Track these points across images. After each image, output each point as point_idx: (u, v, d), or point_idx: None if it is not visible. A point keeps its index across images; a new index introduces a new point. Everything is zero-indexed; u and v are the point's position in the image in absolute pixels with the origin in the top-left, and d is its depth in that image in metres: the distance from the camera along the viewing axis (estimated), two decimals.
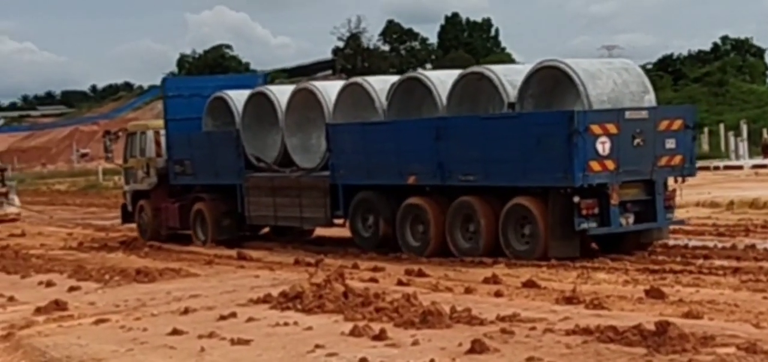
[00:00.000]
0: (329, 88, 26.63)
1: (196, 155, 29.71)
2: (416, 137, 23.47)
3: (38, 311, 17.92)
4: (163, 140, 31.18)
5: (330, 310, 15.90)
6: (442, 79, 23.93)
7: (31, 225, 41.95)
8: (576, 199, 20.56)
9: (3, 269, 25.73)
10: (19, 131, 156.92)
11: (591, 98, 21.02)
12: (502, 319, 14.29)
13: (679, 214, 23.88)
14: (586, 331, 12.97)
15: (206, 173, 29.49)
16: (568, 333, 13.12)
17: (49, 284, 21.99)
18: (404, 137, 23.80)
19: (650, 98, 22.05)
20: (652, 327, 12.36)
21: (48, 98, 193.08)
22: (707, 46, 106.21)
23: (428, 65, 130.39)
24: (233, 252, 25.89)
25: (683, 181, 22.42)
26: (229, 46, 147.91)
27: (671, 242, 23.26)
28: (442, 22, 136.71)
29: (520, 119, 21.66)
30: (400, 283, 18.96)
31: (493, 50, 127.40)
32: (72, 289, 20.88)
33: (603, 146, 20.45)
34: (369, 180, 24.77)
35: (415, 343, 13.16)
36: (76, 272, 23.60)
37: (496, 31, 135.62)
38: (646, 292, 16.35)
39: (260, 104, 27.91)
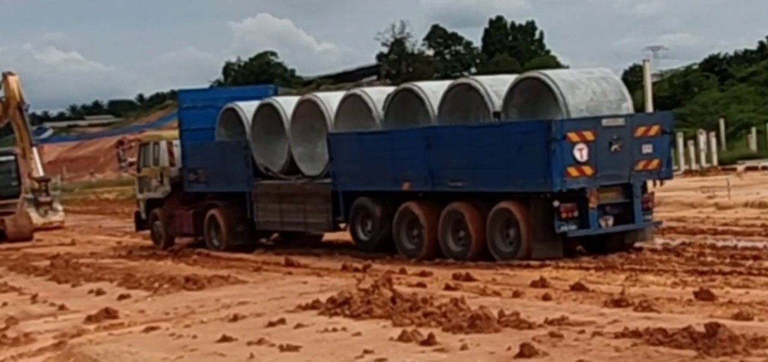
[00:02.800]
0: (332, 99, 27.71)
1: (209, 164, 30.93)
2: (409, 145, 24.60)
3: (89, 319, 18.10)
4: (176, 149, 32.15)
5: (378, 315, 15.94)
6: (433, 90, 25.05)
7: (81, 234, 42.31)
8: (556, 203, 21.56)
9: (54, 278, 25.96)
10: (68, 141, 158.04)
11: (569, 107, 22.06)
12: (550, 323, 14.27)
13: (727, 214, 23.87)
14: (636, 334, 12.93)
15: (218, 180, 30.60)
16: (617, 335, 13.08)
17: (99, 292, 22.19)
18: (398, 145, 24.91)
19: (628, 106, 23.03)
20: (701, 329, 12.31)
21: (95, 108, 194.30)
22: (754, 45, 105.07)
23: (473, 69, 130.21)
24: (281, 259, 26.00)
25: (661, 184, 23.29)
26: (274, 54, 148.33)
27: (720, 243, 23.18)
28: (487, 25, 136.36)
29: (502, 128, 22.76)
30: (447, 288, 18.97)
31: (537, 53, 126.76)
32: (122, 297, 21.06)
33: (580, 152, 21.52)
34: (367, 186, 25.85)
35: (463, 348, 13.17)
36: (126, 280, 23.78)
37: (541, 34, 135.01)
38: (696, 294, 16.26)
39: (268, 114, 29.01)
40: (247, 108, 29.77)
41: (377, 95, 26.43)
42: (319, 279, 22.14)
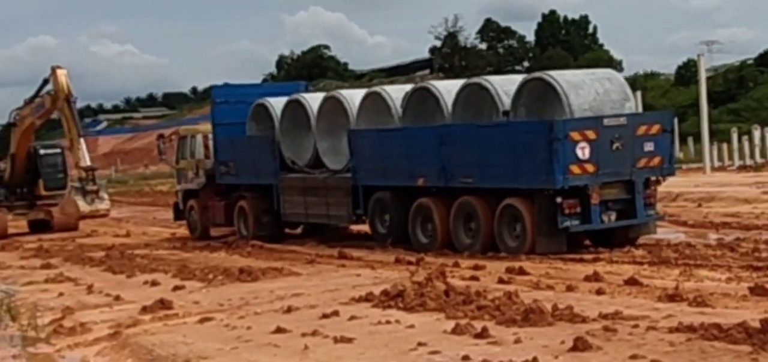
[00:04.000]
0: (355, 96, 28.63)
1: (239, 157, 32.02)
2: (423, 142, 25.60)
3: (144, 310, 18.26)
4: (211, 143, 33.38)
5: (432, 308, 15.98)
6: (448, 89, 25.97)
7: (136, 226, 42.63)
8: (559, 199, 22.43)
9: (109, 269, 26.18)
10: (122, 133, 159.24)
11: (573, 107, 22.88)
12: (604, 317, 14.25)
13: None
14: (690, 329, 12.90)
15: (247, 173, 31.65)
16: (671, 330, 13.05)
17: (154, 283, 22.36)
18: (413, 142, 25.96)
19: (631, 106, 23.93)
20: (757, 325, 12.27)
21: (150, 100, 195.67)
22: None
23: (525, 63, 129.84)
24: (334, 251, 26.07)
25: (663, 180, 24.07)
26: (327, 47, 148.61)
27: None
28: (540, 19, 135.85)
29: (509, 127, 23.70)
30: (501, 281, 18.94)
31: (591, 47, 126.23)
32: (176, 288, 21.23)
33: (582, 150, 22.33)
34: (385, 181, 26.88)
35: (517, 341, 13.19)
36: (180, 271, 23.95)
37: (594, 28, 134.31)
38: (750, 289, 16.13)
39: (296, 110, 30.08)
40: (277, 104, 30.85)
41: (396, 93, 27.34)
42: (372, 271, 22.18)
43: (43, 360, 15.65)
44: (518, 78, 25.16)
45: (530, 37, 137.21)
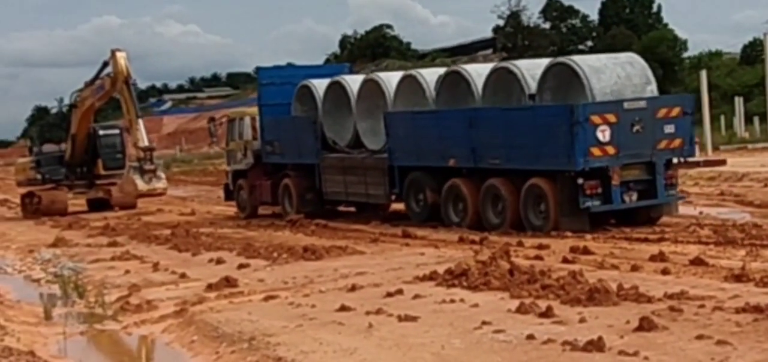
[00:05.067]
0: (392, 79, 29.64)
1: (283, 137, 32.97)
2: (454, 125, 26.49)
3: (209, 287, 18.44)
4: (258, 124, 34.23)
5: (496, 287, 16.00)
6: (479, 73, 26.84)
7: (201, 204, 42.98)
8: (580, 180, 23.29)
9: (175, 247, 26.40)
10: (187, 113, 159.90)
11: (594, 91, 23.74)
12: (670, 297, 14.20)
13: None
14: (757, 309, 12.82)
15: (291, 152, 32.62)
16: (737, 310, 12.98)
17: (219, 261, 22.53)
18: (445, 124, 26.89)
19: (652, 89, 24.62)
20: None
21: (214, 80, 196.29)
22: None
23: (589, 42, 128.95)
24: (398, 230, 26.12)
25: (684, 162, 24.86)
26: (390, 27, 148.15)
27: None
28: None
29: (532, 111, 24.65)
30: (565, 261, 18.90)
31: (655, 27, 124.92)
32: (241, 266, 21.36)
33: (603, 133, 23.15)
34: (419, 162, 27.85)
35: (582, 320, 13.17)
36: (245, 250, 24.09)
37: (659, 6, 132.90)
38: None
39: (338, 92, 30.89)
40: (320, 85, 31.78)
41: (431, 76, 28.20)
42: (436, 250, 22.20)
43: (110, 336, 15.85)
44: (543, 62, 25.96)
45: (594, 16, 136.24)
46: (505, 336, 12.62)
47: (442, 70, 28.54)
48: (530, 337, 12.34)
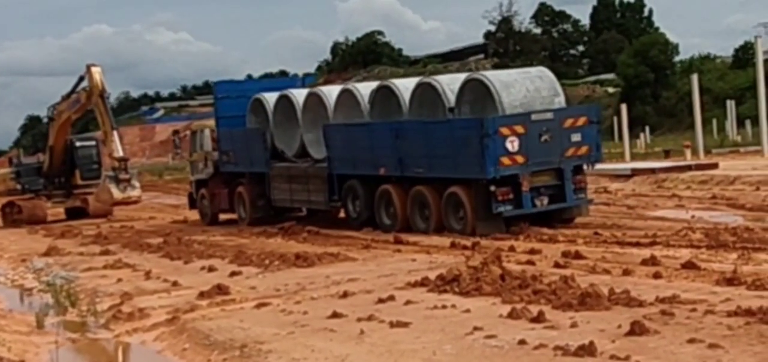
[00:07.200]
0: (333, 92, 31.74)
1: (238, 148, 35.18)
2: (383, 136, 28.47)
3: (201, 295, 18.42)
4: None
5: (487, 293, 15.99)
6: (407, 87, 28.93)
7: (194, 212, 42.93)
8: (492, 188, 25.09)
9: (167, 255, 26.42)
10: (179, 121, 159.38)
11: (504, 105, 25.70)
12: (661, 301, 14.18)
13: None
14: (749, 313, 12.80)
15: (245, 162, 34.80)
16: (729, 314, 12.96)
17: (211, 269, 22.53)
18: (375, 136, 28.87)
19: (560, 101, 26.64)
20: None
21: (205, 88, 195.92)
22: None
23: (580, 47, 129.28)
24: (390, 236, 26.14)
25: (591, 167, 26.91)
26: (381, 33, 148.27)
27: None
28: (595, 3, 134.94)
29: (449, 124, 26.65)
30: (557, 265, 18.90)
31: (646, 31, 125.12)
32: (233, 274, 21.37)
33: (512, 144, 24.97)
34: (354, 170, 29.84)
35: (573, 325, 13.15)
36: (237, 257, 24.10)
37: (650, 11, 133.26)
38: None
39: (285, 104, 32.91)
40: (271, 98, 33.77)
41: (365, 90, 30.35)
42: (427, 256, 22.20)
43: (102, 345, 15.82)
44: (460, 77, 28.40)
45: (585, 21, 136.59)
46: (497, 342, 12.60)
47: (375, 85, 30.60)
48: (522, 342, 12.32)
